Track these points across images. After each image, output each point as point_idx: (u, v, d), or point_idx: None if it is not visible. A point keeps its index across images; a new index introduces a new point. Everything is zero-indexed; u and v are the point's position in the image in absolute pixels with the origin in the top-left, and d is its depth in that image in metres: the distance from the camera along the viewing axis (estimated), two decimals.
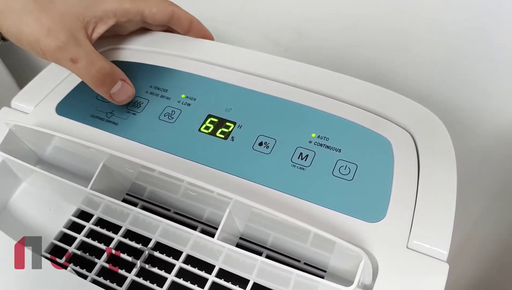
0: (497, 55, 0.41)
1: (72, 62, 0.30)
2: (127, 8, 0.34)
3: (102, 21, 0.33)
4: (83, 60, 0.31)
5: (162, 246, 0.30)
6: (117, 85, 0.32)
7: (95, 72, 0.31)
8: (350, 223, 0.27)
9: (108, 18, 0.33)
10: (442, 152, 0.29)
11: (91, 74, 0.31)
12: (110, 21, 0.34)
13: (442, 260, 0.25)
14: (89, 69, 0.31)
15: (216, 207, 0.28)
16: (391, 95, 0.33)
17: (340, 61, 0.48)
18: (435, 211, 0.27)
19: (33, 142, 0.33)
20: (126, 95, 0.33)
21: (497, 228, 0.57)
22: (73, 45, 0.30)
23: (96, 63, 0.31)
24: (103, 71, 0.31)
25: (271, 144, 0.30)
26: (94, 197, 0.29)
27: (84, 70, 0.31)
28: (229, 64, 0.35)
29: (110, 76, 0.32)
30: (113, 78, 0.32)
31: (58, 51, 0.30)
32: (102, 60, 0.32)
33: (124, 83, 0.32)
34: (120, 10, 0.34)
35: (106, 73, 0.31)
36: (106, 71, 0.32)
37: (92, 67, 0.31)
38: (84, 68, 0.31)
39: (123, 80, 0.33)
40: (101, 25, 0.33)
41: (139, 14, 0.35)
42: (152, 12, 0.36)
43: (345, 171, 0.29)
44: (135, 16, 0.35)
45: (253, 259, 0.25)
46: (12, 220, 0.32)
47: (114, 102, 0.33)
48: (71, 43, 0.30)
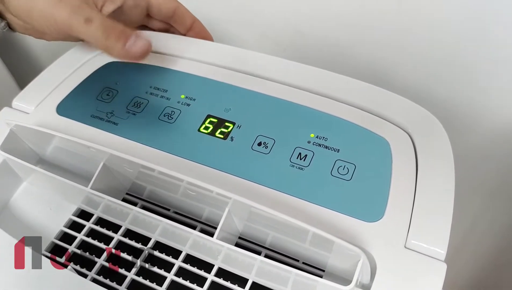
0: (496, 54, 0.41)
1: (86, 23, 0.30)
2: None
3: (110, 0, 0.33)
4: (97, 20, 0.31)
5: (162, 245, 0.30)
6: (131, 39, 0.32)
7: (110, 28, 0.31)
8: (348, 223, 0.27)
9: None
10: (440, 152, 0.30)
11: (107, 32, 0.31)
12: (118, 1, 0.34)
13: (439, 259, 0.25)
14: (103, 27, 0.31)
15: (215, 206, 0.28)
16: (390, 95, 0.33)
17: (339, 60, 0.49)
18: (433, 211, 0.27)
19: (33, 142, 0.33)
20: (142, 47, 0.33)
21: (495, 227, 0.57)
22: (86, 7, 0.31)
23: (110, 22, 0.31)
24: (118, 27, 0.32)
25: (270, 144, 0.30)
26: (94, 197, 0.29)
27: (99, 29, 0.31)
28: (228, 65, 0.35)
29: (124, 31, 0.32)
30: (127, 33, 0.32)
31: (72, 15, 0.30)
32: (115, 21, 0.32)
33: (137, 36, 0.32)
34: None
35: (120, 29, 0.32)
36: (120, 27, 0.32)
37: (107, 24, 0.31)
38: (99, 28, 0.31)
39: (137, 35, 0.33)
40: (109, 3, 0.34)
41: (146, 1, 0.36)
42: (158, 2, 0.36)
43: (343, 171, 0.29)
44: (142, 1, 0.35)
45: (252, 258, 0.25)
46: (12, 219, 0.33)
47: (132, 59, 0.33)
48: (84, 6, 0.31)
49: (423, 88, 0.47)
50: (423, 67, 0.45)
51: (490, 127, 0.46)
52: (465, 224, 0.57)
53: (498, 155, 0.49)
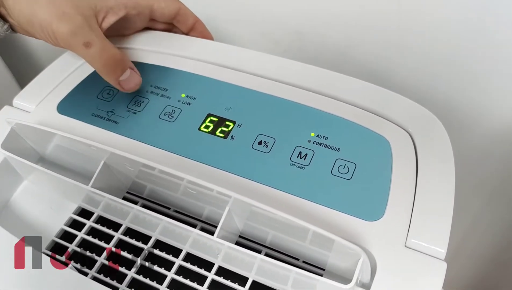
0: (496, 54, 0.41)
1: (85, 46, 0.31)
2: (138, 1, 0.35)
3: (112, 11, 0.34)
4: (96, 45, 0.31)
5: (162, 244, 0.30)
6: (126, 73, 0.32)
7: (107, 57, 0.31)
8: (348, 222, 0.27)
9: (119, 9, 0.34)
10: (440, 151, 0.30)
11: (104, 59, 0.31)
12: (120, 12, 0.34)
13: (440, 258, 0.25)
14: (102, 54, 0.31)
15: (216, 205, 0.28)
16: (390, 94, 0.33)
17: (339, 60, 0.49)
18: (433, 210, 0.27)
19: (34, 140, 0.33)
20: (134, 83, 0.33)
21: (495, 226, 0.57)
22: (87, 30, 0.31)
23: (109, 49, 0.32)
24: (115, 57, 0.32)
25: (270, 143, 0.30)
26: (95, 195, 0.29)
27: (97, 55, 0.31)
28: (229, 64, 0.35)
29: (121, 63, 0.32)
30: (123, 66, 0.32)
31: (71, 36, 0.30)
32: (113, 47, 0.32)
33: (132, 71, 0.33)
34: (131, 2, 0.34)
35: (118, 60, 0.32)
36: (118, 57, 0.32)
37: (105, 52, 0.31)
38: (97, 53, 0.31)
39: (132, 68, 0.33)
40: (111, 15, 0.34)
41: (148, 8, 0.36)
42: (160, 7, 0.36)
43: (344, 170, 0.29)
44: (144, 9, 0.36)
45: (252, 257, 0.25)
46: (13, 217, 0.33)
47: (122, 90, 0.33)
48: (85, 27, 0.31)
49: (423, 88, 0.47)
50: (423, 66, 0.45)
51: (490, 126, 0.46)
52: (465, 223, 0.57)
53: (498, 155, 0.49)
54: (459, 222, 0.56)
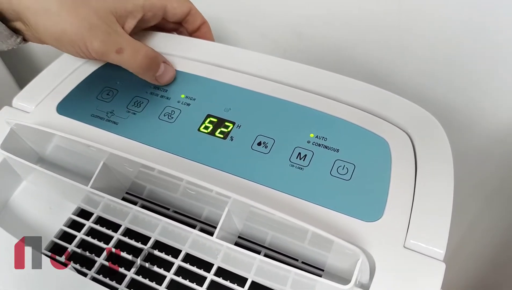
0: (496, 54, 0.41)
1: (118, 53, 0.31)
2: (154, 2, 0.35)
3: (131, 14, 0.34)
4: (127, 49, 0.32)
5: (162, 244, 0.30)
6: (161, 68, 0.33)
7: (141, 58, 0.32)
8: (347, 223, 0.27)
9: (137, 12, 0.34)
10: (439, 152, 0.30)
11: (138, 61, 0.32)
12: (138, 14, 0.35)
13: (438, 259, 0.25)
14: (135, 56, 0.32)
15: (215, 206, 0.28)
16: (389, 96, 0.33)
17: (339, 60, 0.49)
18: (432, 210, 0.27)
19: (34, 141, 0.33)
20: (169, 76, 0.34)
21: (494, 227, 0.57)
22: (115, 37, 0.31)
23: (141, 49, 0.32)
24: (149, 56, 0.32)
25: (269, 144, 0.31)
26: (94, 196, 0.29)
27: (131, 59, 0.32)
28: (228, 65, 0.35)
29: (155, 60, 0.33)
30: (157, 62, 0.33)
31: (103, 46, 0.31)
32: (145, 46, 0.33)
33: (166, 65, 0.34)
34: (147, 5, 0.35)
35: (151, 58, 0.33)
36: (152, 55, 0.33)
37: (138, 54, 0.32)
38: (130, 57, 0.32)
39: (165, 62, 0.34)
40: (131, 19, 0.34)
41: (162, 9, 0.37)
42: (173, 7, 0.37)
43: (343, 171, 0.29)
44: (159, 10, 0.36)
45: (251, 257, 0.26)
46: (12, 218, 0.33)
47: (160, 84, 0.34)
48: (113, 35, 0.31)
49: (423, 88, 0.47)
50: (423, 67, 0.45)
51: (489, 127, 0.47)
52: (464, 223, 0.57)
53: (497, 155, 0.49)
54: (459, 222, 0.56)
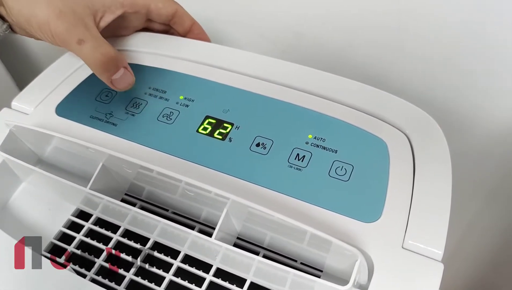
0: (494, 55, 0.41)
1: (79, 43, 0.31)
2: (135, 0, 0.35)
3: (110, 10, 0.34)
4: (89, 42, 0.31)
5: (161, 245, 0.30)
6: (119, 72, 0.32)
7: (99, 54, 0.31)
8: (346, 223, 0.27)
9: (116, 8, 0.34)
10: (437, 153, 0.30)
11: (96, 56, 0.31)
12: (117, 11, 0.34)
13: (437, 260, 0.25)
14: (94, 51, 0.31)
15: (214, 207, 0.29)
16: (387, 96, 0.33)
17: (337, 61, 0.49)
18: (430, 211, 0.27)
19: (33, 142, 0.33)
20: (127, 82, 0.33)
21: (492, 228, 0.57)
22: (82, 27, 0.31)
23: (102, 46, 0.32)
24: (108, 55, 0.32)
25: (268, 145, 0.31)
26: (93, 197, 0.29)
27: (90, 52, 0.31)
28: (227, 66, 0.35)
29: (114, 61, 0.32)
30: (117, 64, 0.32)
31: (66, 33, 0.31)
32: (107, 45, 0.32)
33: (126, 71, 0.33)
34: (128, 1, 0.35)
35: (110, 58, 0.32)
36: (111, 55, 0.32)
37: (98, 49, 0.31)
38: (90, 50, 0.31)
39: (125, 68, 0.33)
40: (108, 14, 0.34)
41: (145, 8, 0.36)
42: (157, 7, 0.37)
43: (341, 172, 0.29)
44: (141, 8, 0.36)
45: (250, 258, 0.26)
46: (12, 219, 0.33)
47: (114, 88, 0.33)
48: (80, 25, 0.31)
49: (421, 89, 0.47)
50: (421, 68, 0.45)
51: (488, 127, 0.47)
52: (463, 224, 0.57)
53: (496, 155, 0.49)
54: (457, 222, 0.56)
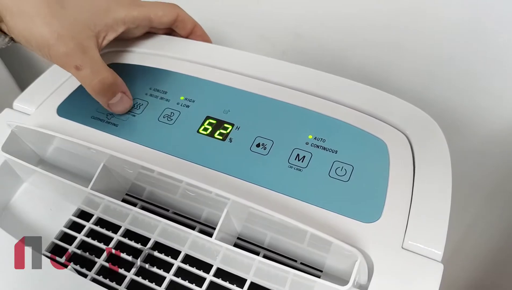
0: (495, 55, 0.41)
1: (76, 69, 0.31)
2: (135, 15, 0.35)
3: (112, 29, 0.34)
4: (87, 68, 0.31)
5: (161, 245, 0.30)
6: (116, 97, 0.33)
7: (96, 81, 0.32)
8: (346, 224, 0.27)
9: (118, 26, 0.34)
10: (437, 153, 0.30)
11: (93, 83, 0.32)
12: (120, 28, 0.35)
13: (436, 260, 0.26)
14: (91, 78, 0.32)
15: (214, 207, 0.29)
16: (388, 97, 0.33)
17: (337, 61, 0.49)
18: (430, 212, 0.27)
19: (34, 143, 0.33)
20: (123, 107, 0.33)
21: (492, 228, 0.57)
22: (80, 53, 0.31)
23: (100, 73, 0.32)
24: (105, 81, 0.32)
25: (268, 146, 0.31)
26: (94, 197, 0.29)
27: (87, 78, 0.32)
28: (227, 67, 0.35)
29: (111, 87, 0.32)
30: (114, 90, 0.33)
31: (64, 57, 0.31)
32: (106, 71, 0.32)
33: (123, 96, 0.33)
34: (129, 18, 0.35)
35: (107, 84, 0.32)
36: (108, 81, 0.32)
37: (95, 76, 0.32)
38: (87, 76, 0.32)
39: (123, 93, 0.33)
40: (111, 33, 0.34)
41: (146, 20, 0.36)
42: (158, 16, 0.37)
43: (341, 172, 0.29)
44: (142, 21, 0.36)
45: (250, 258, 0.26)
46: (13, 219, 0.33)
47: (111, 111, 0.33)
48: (78, 50, 0.31)
49: (421, 89, 0.47)
50: (421, 68, 0.46)
51: (488, 127, 0.47)
52: (463, 224, 0.57)
53: (496, 155, 0.49)
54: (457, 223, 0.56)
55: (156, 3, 0.37)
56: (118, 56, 0.37)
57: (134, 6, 0.35)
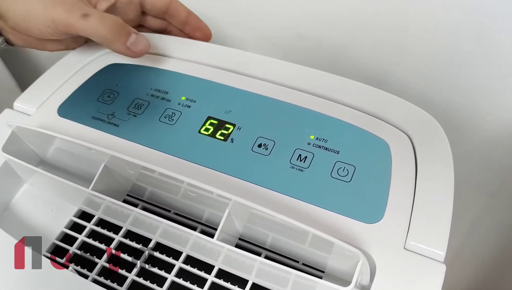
0: (496, 54, 0.41)
1: (84, 18, 0.30)
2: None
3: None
4: (94, 15, 0.30)
5: (162, 246, 0.30)
6: (132, 36, 0.32)
7: (110, 22, 0.31)
8: (348, 224, 0.27)
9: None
10: (439, 154, 0.30)
11: (105, 25, 0.31)
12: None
13: (439, 261, 0.25)
14: (102, 21, 0.31)
15: (216, 208, 0.29)
16: (390, 97, 0.33)
17: (338, 61, 0.49)
18: (432, 212, 0.27)
19: (35, 143, 0.33)
20: (143, 44, 0.32)
21: (496, 228, 0.57)
22: (81, 5, 0.31)
23: (108, 16, 0.31)
24: (117, 21, 0.31)
25: (270, 146, 0.31)
26: (95, 198, 0.29)
27: (98, 23, 0.30)
28: (228, 67, 0.35)
29: (125, 26, 0.31)
30: (128, 29, 0.32)
31: (68, 13, 0.30)
32: (113, 15, 0.32)
33: (137, 35, 0.32)
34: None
35: (120, 23, 0.31)
36: (119, 21, 0.31)
37: (105, 18, 0.31)
38: (97, 21, 0.30)
39: (135, 33, 0.32)
40: (103, 1, 0.34)
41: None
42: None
43: (343, 172, 0.29)
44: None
45: (252, 259, 0.26)
46: (14, 220, 0.33)
47: (133, 55, 0.32)
48: (79, 3, 0.31)
49: (423, 89, 0.47)
50: (423, 69, 0.45)
51: (490, 128, 0.47)
52: (465, 224, 0.57)
53: (498, 156, 0.49)
54: (460, 223, 0.56)
55: None
56: (118, 56, 0.37)
57: None
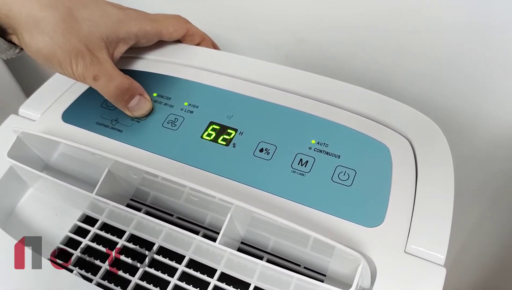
0: (497, 57, 0.41)
1: (94, 80, 0.33)
2: (147, 30, 0.36)
3: (123, 41, 0.35)
4: (103, 77, 0.33)
5: (165, 250, 0.30)
6: (134, 100, 0.34)
7: (113, 88, 0.33)
8: (349, 228, 0.27)
9: (130, 39, 0.36)
10: (439, 157, 0.30)
11: (110, 89, 0.33)
12: (131, 41, 0.36)
13: (439, 264, 0.26)
14: (108, 85, 0.33)
15: (218, 212, 0.29)
16: (390, 102, 0.33)
17: (339, 65, 0.49)
18: (433, 216, 0.27)
19: (40, 148, 0.34)
20: (142, 108, 0.34)
21: (495, 232, 0.57)
22: (96, 64, 0.33)
23: (115, 79, 0.33)
24: (121, 86, 0.33)
25: (271, 151, 0.31)
26: (99, 203, 0.30)
27: (105, 86, 0.33)
28: (230, 72, 0.36)
29: (128, 91, 0.33)
30: (131, 93, 0.34)
31: (84, 71, 0.32)
32: (121, 77, 0.34)
33: (141, 98, 0.34)
34: (141, 32, 0.36)
35: (124, 89, 0.33)
36: (124, 86, 0.33)
37: (111, 83, 0.33)
38: (104, 84, 0.33)
39: (141, 95, 0.34)
40: (122, 45, 0.35)
41: (158, 35, 0.38)
42: (169, 32, 0.38)
43: (344, 177, 0.29)
44: (154, 36, 0.37)
45: (254, 263, 0.26)
46: (19, 224, 0.33)
47: (132, 116, 0.34)
48: (94, 62, 0.33)
49: (424, 92, 0.47)
50: (423, 71, 0.46)
51: (490, 130, 0.47)
52: (466, 228, 0.57)
53: (499, 159, 0.49)
54: (460, 227, 0.56)
55: (167, 17, 0.38)
56: (121, 63, 0.38)
57: (147, 20, 0.36)
